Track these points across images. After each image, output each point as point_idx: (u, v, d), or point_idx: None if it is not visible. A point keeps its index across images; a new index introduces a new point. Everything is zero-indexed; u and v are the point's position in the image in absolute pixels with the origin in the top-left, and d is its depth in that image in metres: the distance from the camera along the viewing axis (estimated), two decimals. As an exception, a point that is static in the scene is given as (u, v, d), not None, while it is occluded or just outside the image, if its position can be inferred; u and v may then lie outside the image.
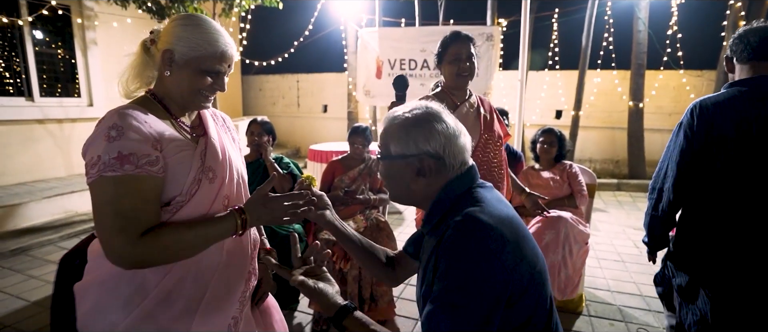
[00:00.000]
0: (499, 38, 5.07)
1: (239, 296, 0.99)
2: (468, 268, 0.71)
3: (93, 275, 0.92)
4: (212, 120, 1.03)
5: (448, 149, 0.83)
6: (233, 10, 4.77)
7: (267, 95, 8.58)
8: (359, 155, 2.53)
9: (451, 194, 0.83)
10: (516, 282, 0.73)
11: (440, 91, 1.82)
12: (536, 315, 0.78)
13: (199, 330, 0.90)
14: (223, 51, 0.92)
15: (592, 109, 6.16)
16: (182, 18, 0.92)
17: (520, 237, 0.77)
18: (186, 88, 0.92)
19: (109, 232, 0.79)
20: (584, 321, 2.36)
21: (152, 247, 0.80)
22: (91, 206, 0.83)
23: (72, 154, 5.01)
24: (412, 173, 0.84)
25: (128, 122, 0.83)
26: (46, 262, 3.07)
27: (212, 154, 0.94)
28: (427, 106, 0.86)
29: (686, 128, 1.32)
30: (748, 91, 1.25)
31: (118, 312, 0.86)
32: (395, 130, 0.85)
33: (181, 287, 0.89)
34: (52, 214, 3.96)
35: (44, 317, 2.29)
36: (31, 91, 4.64)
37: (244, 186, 1.05)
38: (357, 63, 5.79)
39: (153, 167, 0.83)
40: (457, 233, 0.75)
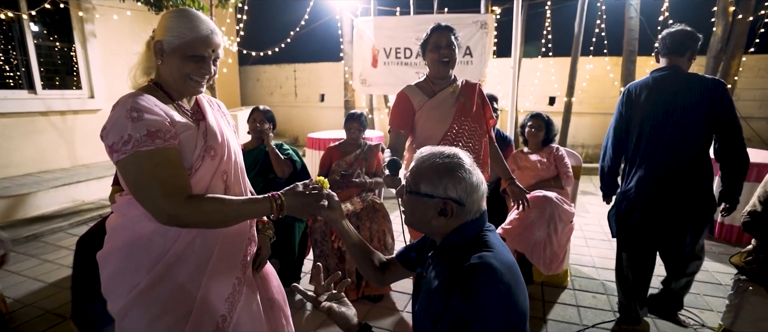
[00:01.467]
0: (492, 26, 5.13)
1: (241, 259, 1.12)
2: (481, 305, 0.83)
3: (111, 243, 1.04)
4: (209, 106, 1.14)
5: (470, 197, 0.94)
6: (229, 1, 4.84)
7: (265, 85, 8.65)
8: (355, 140, 2.66)
9: (466, 234, 0.96)
10: (513, 318, 0.87)
11: (422, 81, 1.92)
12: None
13: (208, 289, 1.03)
14: (205, 36, 1.01)
15: (585, 95, 6.28)
16: (170, 12, 1.03)
17: (517, 281, 0.91)
18: (176, 74, 1.02)
19: (156, 198, 0.90)
20: (568, 294, 2.52)
21: (195, 211, 0.92)
22: (127, 179, 0.94)
23: (76, 145, 5.11)
24: (434, 212, 0.94)
25: (143, 105, 0.94)
26: (58, 248, 3.21)
27: (212, 134, 1.05)
28: (457, 154, 0.97)
29: (618, 104, 2.01)
30: (664, 74, 1.86)
31: (138, 273, 0.99)
32: (426, 171, 0.95)
33: (190, 250, 1.01)
34: (61, 203, 4.09)
35: (61, 296, 2.44)
36: (34, 84, 4.72)
37: (239, 165, 1.16)
38: (353, 52, 5.87)
39: (175, 140, 0.95)
40: (474, 275, 0.85)
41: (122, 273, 1.00)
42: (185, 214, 0.92)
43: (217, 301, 1.04)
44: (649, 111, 1.87)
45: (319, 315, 2.25)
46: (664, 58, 1.89)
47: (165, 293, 0.99)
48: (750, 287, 1.79)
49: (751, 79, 5.64)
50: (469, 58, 5.08)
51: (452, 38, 1.81)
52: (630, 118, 1.94)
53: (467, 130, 1.87)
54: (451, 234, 0.96)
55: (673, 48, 1.84)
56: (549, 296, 2.50)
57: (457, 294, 0.85)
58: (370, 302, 2.39)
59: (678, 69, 1.85)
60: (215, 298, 1.04)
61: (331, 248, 2.36)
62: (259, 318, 1.14)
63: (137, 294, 0.98)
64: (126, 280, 0.99)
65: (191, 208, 0.92)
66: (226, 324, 1.05)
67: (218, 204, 0.97)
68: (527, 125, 2.76)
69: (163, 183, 0.91)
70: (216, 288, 1.04)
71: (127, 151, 0.90)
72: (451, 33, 1.81)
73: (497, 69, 6.36)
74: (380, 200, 2.64)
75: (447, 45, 1.80)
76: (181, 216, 0.92)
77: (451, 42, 1.80)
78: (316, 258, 2.39)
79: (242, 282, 1.11)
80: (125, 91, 1.05)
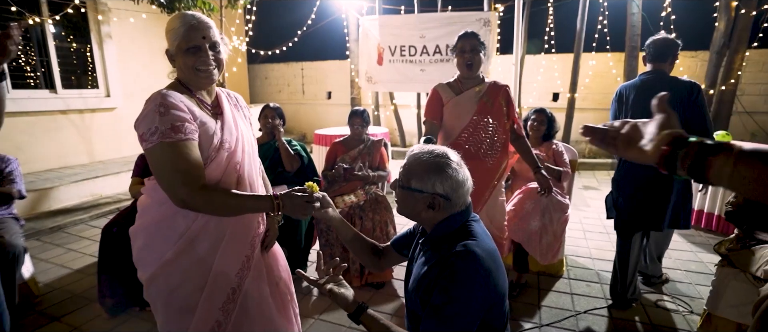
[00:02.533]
0: (496, 23, 5.22)
1: (251, 239, 1.26)
2: (464, 288, 0.95)
3: (142, 221, 1.20)
4: (227, 101, 1.27)
5: (455, 193, 1.04)
6: (238, 2, 4.99)
7: (273, 83, 8.82)
8: (358, 135, 2.79)
9: (453, 224, 1.07)
10: (492, 299, 1.00)
11: (453, 80, 2.16)
12: (499, 319, 1.06)
13: (221, 264, 1.18)
14: (190, 26, 1.11)
15: (588, 91, 6.33)
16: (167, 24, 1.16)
17: (497, 267, 1.03)
18: (186, 70, 1.15)
19: (174, 184, 1.05)
20: (563, 283, 2.63)
21: (205, 200, 1.06)
22: (152, 165, 1.08)
23: (93, 142, 5.33)
24: (423, 205, 1.05)
25: (171, 102, 1.08)
26: (81, 238, 3.41)
27: (228, 129, 1.19)
28: (446, 153, 1.07)
29: (613, 100, 2.36)
30: (650, 77, 2.18)
31: (163, 247, 1.14)
32: (417, 168, 1.05)
33: (207, 230, 1.16)
34: (81, 197, 4.30)
35: (86, 282, 2.62)
36: (54, 84, 4.94)
37: (253, 156, 1.30)
38: (359, 50, 5.99)
39: (194, 135, 1.09)
40: (459, 260, 0.97)
41: (150, 247, 1.15)
42: (196, 202, 1.06)
43: (228, 275, 1.19)
44: (638, 108, 2.16)
45: (323, 301, 2.40)
46: (650, 63, 2.19)
47: (185, 265, 1.15)
48: (732, 273, 1.90)
49: (756, 73, 5.64)
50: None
51: (476, 43, 2.03)
52: (623, 113, 2.26)
53: (486, 126, 2.07)
54: (440, 224, 1.07)
55: (656, 55, 2.14)
56: (544, 284, 2.61)
57: (444, 276, 0.97)
58: (373, 289, 2.53)
59: (662, 72, 2.15)
60: (227, 272, 1.19)
61: (335, 238, 2.50)
62: (265, 292, 1.29)
63: (162, 265, 1.14)
64: (153, 252, 1.15)
65: (202, 197, 1.06)
66: (235, 295, 1.20)
67: (226, 196, 1.10)
68: (530, 119, 2.87)
69: (180, 172, 1.04)
70: (228, 263, 1.19)
71: (154, 141, 1.04)
72: (475, 39, 2.04)
73: (500, 66, 6.44)
74: (383, 193, 2.78)
75: (471, 49, 2.03)
76: (193, 203, 1.06)
77: (475, 47, 2.03)
78: (322, 247, 2.54)
79: (251, 259, 1.25)
80: (139, 89, 1.22)
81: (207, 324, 1.16)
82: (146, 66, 5.82)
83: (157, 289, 1.16)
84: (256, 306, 1.25)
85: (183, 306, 1.16)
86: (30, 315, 2.23)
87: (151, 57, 5.89)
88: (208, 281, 1.17)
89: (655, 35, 2.18)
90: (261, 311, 1.26)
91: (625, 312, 2.27)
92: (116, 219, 2.36)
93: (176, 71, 1.21)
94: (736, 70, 5.25)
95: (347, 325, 2.15)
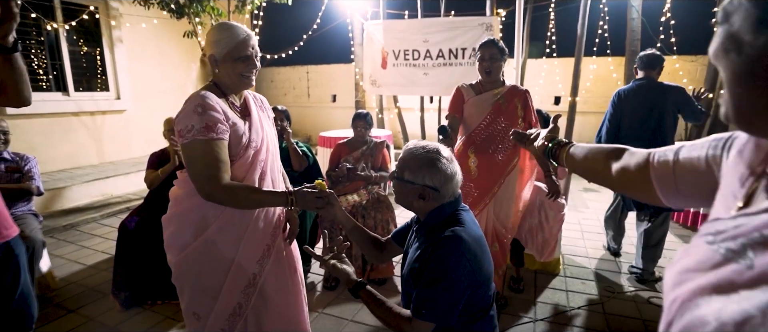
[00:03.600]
0: (498, 28, 5.31)
1: (271, 230, 1.36)
2: (451, 267, 1.06)
3: (173, 209, 1.31)
4: (254, 103, 1.38)
5: (445, 185, 1.15)
6: (246, 7, 5.12)
7: (278, 86, 8.95)
8: (362, 137, 2.89)
9: (443, 213, 1.17)
10: (476, 280, 1.10)
11: (476, 82, 2.32)
12: (486, 297, 1.16)
13: (243, 251, 1.28)
14: (243, 39, 1.24)
15: (589, 95, 6.39)
16: (212, 30, 1.27)
17: (483, 251, 1.14)
18: (232, 75, 1.26)
19: (202, 178, 1.16)
20: (560, 280, 2.71)
21: (228, 194, 1.18)
22: (185, 159, 1.19)
23: (103, 143, 5.47)
24: (415, 195, 1.17)
25: (208, 103, 1.18)
26: (93, 236, 3.53)
27: (255, 130, 1.30)
28: (437, 149, 1.18)
29: (611, 102, 2.81)
30: (642, 83, 2.69)
31: (191, 234, 1.25)
32: (410, 162, 1.17)
33: (231, 220, 1.27)
34: (92, 197, 4.43)
35: (99, 277, 2.74)
36: (67, 87, 5.09)
37: (276, 154, 1.41)
38: (363, 54, 6.10)
39: (225, 136, 1.20)
40: (447, 245, 1.08)
41: (181, 233, 1.26)
42: (220, 196, 1.17)
43: (250, 262, 1.29)
44: (634, 107, 2.68)
45: (326, 296, 2.49)
46: (642, 71, 2.71)
47: (211, 252, 1.25)
48: None
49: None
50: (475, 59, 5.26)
51: (495, 52, 2.19)
52: (621, 112, 2.74)
53: (498, 125, 2.24)
54: (431, 213, 1.18)
55: (647, 65, 2.68)
56: (541, 282, 2.69)
57: (434, 257, 1.08)
58: (374, 284, 2.62)
59: (651, 79, 2.67)
60: (249, 259, 1.29)
61: (338, 235, 2.60)
62: (283, 279, 1.39)
63: (190, 250, 1.24)
64: (182, 238, 1.26)
65: (225, 192, 1.17)
66: (256, 280, 1.31)
67: (247, 192, 1.22)
68: None
69: (208, 168, 1.15)
70: (250, 251, 1.30)
71: (189, 137, 1.15)
72: (495, 48, 2.19)
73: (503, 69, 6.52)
74: (385, 192, 2.87)
75: (489, 58, 2.19)
76: (216, 196, 1.17)
77: (493, 55, 2.19)
78: (326, 244, 2.64)
79: (271, 248, 1.35)
80: (148, 92, 1.31)
81: (229, 305, 1.27)
82: (155, 69, 5.97)
83: (184, 272, 1.27)
84: (274, 291, 1.36)
85: (207, 288, 1.26)
86: (47, 306, 2.34)
87: (160, 61, 6.04)
88: (232, 267, 1.27)
89: (645, 51, 2.74)
90: (278, 296, 1.37)
91: (618, 309, 2.34)
92: (131, 215, 2.47)
93: (214, 75, 1.30)
94: (736, 74, 5.29)
95: (349, 319, 2.24)
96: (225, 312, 1.28)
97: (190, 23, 4.66)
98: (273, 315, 1.36)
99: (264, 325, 1.34)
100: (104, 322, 2.21)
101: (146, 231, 2.35)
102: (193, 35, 4.75)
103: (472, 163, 2.30)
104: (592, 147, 0.92)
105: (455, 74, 5.30)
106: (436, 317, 1.07)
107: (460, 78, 5.03)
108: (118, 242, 2.35)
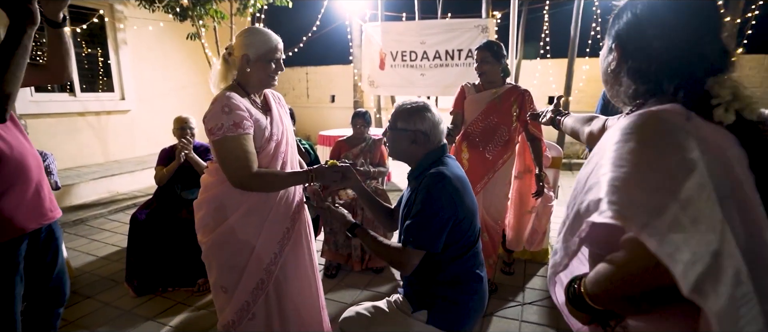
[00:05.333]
0: (493, 30, 5.45)
1: (291, 215, 1.50)
2: (435, 201, 1.23)
3: (205, 195, 1.44)
4: (273, 100, 1.53)
5: (432, 130, 1.33)
6: (247, 9, 5.27)
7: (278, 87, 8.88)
8: (361, 135, 3.04)
9: (430, 158, 1.34)
10: (458, 213, 1.26)
11: (478, 82, 2.45)
12: (469, 232, 1.31)
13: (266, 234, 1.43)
14: (277, 44, 1.42)
15: (582, 95, 6.55)
16: (246, 33, 1.40)
17: (464, 188, 1.30)
18: (263, 75, 1.41)
19: (234, 169, 1.30)
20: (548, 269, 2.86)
21: (259, 180, 1.33)
22: (217, 153, 1.33)
23: (108, 143, 5.61)
24: (408, 141, 1.33)
25: (234, 102, 1.32)
26: (102, 230, 3.67)
27: (276, 124, 1.45)
28: (424, 102, 1.35)
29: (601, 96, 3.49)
30: None
31: (221, 217, 1.39)
32: (402, 113, 1.35)
33: (256, 206, 1.41)
34: (99, 194, 4.57)
35: (111, 267, 2.88)
36: (73, 87, 5.22)
37: (293, 146, 1.56)
38: (362, 55, 6.25)
39: (250, 130, 1.34)
40: (431, 179, 1.25)
41: (210, 216, 1.40)
42: (250, 183, 1.32)
43: (271, 242, 1.44)
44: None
45: (328, 283, 2.64)
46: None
47: (237, 233, 1.39)
48: None
49: (743, 77, 5.83)
50: (471, 60, 5.38)
51: (486, 55, 2.31)
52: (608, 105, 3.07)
53: (491, 122, 2.37)
54: (421, 159, 1.35)
55: None
56: (530, 270, 2.84)
57: (420, 192, 1.26)
58: (373, 273, 2.77)
59: None
60: (270, 240, 1.44)
61: (339, 227, 2.74)
62: (302, 260, 1.55)
63: (219, 232, 1.39)
64: (212, 221, 1.40)
65: (255, 179, 1.32)
66: (277, 258, 1.46)
67: (273, 176, 1.38)
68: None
69: (238, 159, 1.30)
70: (271, 233, 1.45)
71: (220, 134, 1.29)
72: (487, 51, 2.31)
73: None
74: (383, 187, 3.02)
75: (481, 60, 2.33)
76: (247, 184, 1.33)
77: (485, 58, 2.31)
78: (327, 234, 2.78)
79: (290, 230, 1.50)
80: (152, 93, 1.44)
81: (253, 281, 1.43)
82: (158, 71, 6.11)
83: (213, 251, 1.41)
84: (293, 270, 1.52)
85: (233, 266, 1.41)
86: (64, 294, 2.48)
87: (164, 62, 6.19)
88: (256, 247, 1.42)
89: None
90: (297, 272, 1.53)
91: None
92: (141, 208, 2.61)
93: (241, 74, 1.42)
94: (723, 75, 5.47)
95: (349, 303, 2.39)
96: (249, 287, 1.43)
97: (193, 25, 4.79)
98: (292, 291, 1.51)
99: (284, 299, 1.50)
100: (120, 306, 2.35)
101: (156, 223, 2.50)
102: (196, 37, 4.89)
103: (464, 157, 2.43)
104: (577, 116, 1.38)
105: (452, 75, 5.45)
106: (422, 243, 1.23)
107: (457, 79, 5.18)
108: (130, 233, 2.49)
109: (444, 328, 1.30)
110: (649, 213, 0.55)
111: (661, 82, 0.74)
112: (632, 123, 0.65)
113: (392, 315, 1.35)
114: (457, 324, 1.31)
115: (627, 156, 0.61)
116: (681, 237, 0.52)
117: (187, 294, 2.47)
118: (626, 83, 0.79)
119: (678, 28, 0.72)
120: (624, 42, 0.78)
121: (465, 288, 1.33)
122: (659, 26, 0.73)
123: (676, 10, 0.72)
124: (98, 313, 2.29)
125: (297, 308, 1.55)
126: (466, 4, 6.53)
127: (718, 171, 0.59)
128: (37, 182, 1.39)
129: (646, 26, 0.75)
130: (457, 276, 1.31)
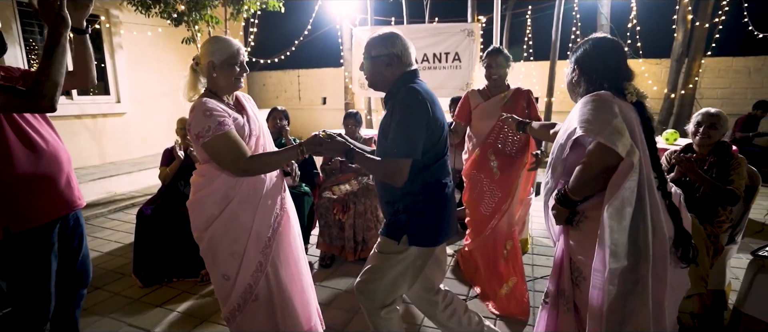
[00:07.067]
0: (479, 34, 5.67)
1: (279, 201, 1.66)
2: (410, 110, 1.38)
3: (197, 195, 1.57)
4: (245, 100, 1.68)
5: (403, 53, 1.48)
6: (241, 14, 5.44)
7: (270, 90, 9.25)
8: (352, 134, 3.24)
9: (403, 81, 1.47)
10: (430, 120, 1.42)
11: (483, 88, 2.56)
12: (439, 144, 1.48)
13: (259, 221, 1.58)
14: (238, 48, 1.53)
15: (564, 96, 6.84)
16: (209, 41, 1.54)
17: (434, 103, 1.45)
18: (229, 78, 1.54)
19: (232, 160, 1.45)
20: (527, 257, 3.08)
21: (256, 163, 1.48)
22: (211, 153, 1.47)
23: (104, 145, 5.72)
24: (384, 65, 1.48)
25: (211, 105, 1.47)
26: (103, 228, 3.81)
27: (253, 121, 1.61)
28: (393, 31, 1.50)
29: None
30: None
31: (214, 210, 1.53)
32: (375, 43, 1.50)
33: (246, 197, 1.55)
34: (98, 194, 4.69)
35: (116, 261, 3.03)
36: (70, 90, 5.33)
37: (269, 138, 1.70)
38: (352, 59, 6.45)
39: (233, 125, 1.49)
40: (405, 93, 1.41)
41: (205, 212, 1.55)
42: (250, 167, 1.47)
43: (265, 227, 1.60)
44: None
45: (322, 273, 2.83)
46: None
47: (232, 222, 1.55)
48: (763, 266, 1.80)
49: (712, 79, 6.19)
50: (458, 63, 5.58)
51: (501, 60, 2.42)
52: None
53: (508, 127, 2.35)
54: (395, 81, 1.49)
55: None
56: (511, 258, 3.06)
57: (396, 108, 1.43)
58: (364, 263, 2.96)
59: None
60: (263, 226, 1.59)
61: (332, 220, 2.94)
62: (291, 239, 1.70)
63: (214, 224, 1.53)
64: (206, 215, 1.55)
65: (253, 162, 1.48)
66: (271, 241, 1.61)
67: (268, 156, 1.54)
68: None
69: (233, 151, 1.45)
70: (264, 219, 1.60)
71: (209, 136, 1.43)
72: (500, 56, 2.43)
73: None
74: (374, 182, 3.22)
75: (495, 65, 2.43)
76: (248, 169, 1.48)
77: (498, 62, 2.43)
78: (322, 227, 2.98)
79: (280, 216, 1.65)
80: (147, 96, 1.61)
81: (252, 264, 1.57)
82: (153, 74, 6.24)
83: (212, 243, 1.54)
84: (285, 249, 1.68)
85: (234, 252, 1.55)
86: (74, 285, 2.63)
87: (159, 66, 6.31)
88: (251, 233, 1.56)
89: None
90: (289, 252, 1.69)
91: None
92: (147, 204, 2.78)
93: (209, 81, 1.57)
94: (694, 76, 5.79)
95: (344, 290, 2.58)
96: (249, 270, 1.57)
97: (188, 30, 4.94)
98: (286, 270, 1.68)
99: (281, 278, 1.66)
100: (128, 295, 2.51)
101: (162, 218, 2.66)
102: (192, 41, 5.03)
103: (493, 165, 2.48)
104: (542, 123, 1.87)
105: (439, 77, 5.66)
106: (406, 150, 1.39)
107: (444, 80, 5.39)
108: (137, 228, 2.66)
109: (426, 244, 1.49)
110: (601, 128, 1.21)
111: (601, 84, 1.34)
112: (587, 98, 1.30)
113: (385, 259, 1.53)
114: (436, 234, 1.50)
115: (585, 109, 1.26)
116: (617, 137, 1.19)
117: (192, 284, 2.64)
118: (582, 86, 1.39)
119: (609, 57, 1.36)
120: (581, 63, 1.39)
121: (433, 196, 1.49)
122: (600, 56, 1.36)
123: (608, 49, 1.37)
124: (109, 302, 2.45)
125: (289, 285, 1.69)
126: (452, 9, 6.78)
127: (627, 122, 1.25)
128: (67, 173, 1.56)
129: (594, 56, 1.37)
130: (425, 184, 1.47)
